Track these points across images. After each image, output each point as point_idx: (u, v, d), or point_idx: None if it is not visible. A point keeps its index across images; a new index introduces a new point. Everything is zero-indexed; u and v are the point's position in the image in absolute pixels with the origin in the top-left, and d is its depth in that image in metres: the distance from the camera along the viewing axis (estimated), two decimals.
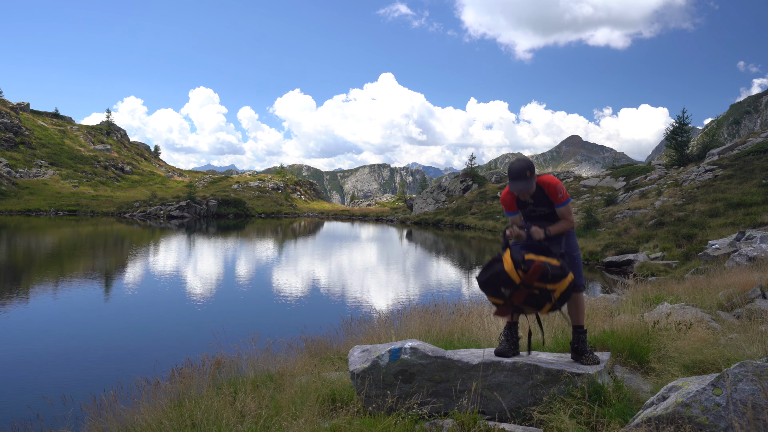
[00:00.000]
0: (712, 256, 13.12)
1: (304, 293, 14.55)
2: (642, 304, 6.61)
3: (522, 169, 3.51)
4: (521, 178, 3.51)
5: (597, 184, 40.82)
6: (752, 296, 6.12)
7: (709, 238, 16.31)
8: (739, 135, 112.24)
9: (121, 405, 4.04)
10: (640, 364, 3.99)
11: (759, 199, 19.56)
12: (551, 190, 3.62)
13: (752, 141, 29.74)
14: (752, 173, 23.51)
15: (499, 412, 3.23)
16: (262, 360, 5.08)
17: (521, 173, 3.50)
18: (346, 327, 6.81)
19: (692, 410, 2.42)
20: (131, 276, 16.99)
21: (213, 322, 9.29)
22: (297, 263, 21.71)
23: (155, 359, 6.14)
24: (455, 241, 34.15)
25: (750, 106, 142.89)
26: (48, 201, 47.56)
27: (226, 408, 3.44)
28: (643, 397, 3.29)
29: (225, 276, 17.63)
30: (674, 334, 4.43)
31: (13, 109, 63.70)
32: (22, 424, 4.24)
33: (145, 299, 13.19)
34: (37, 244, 25.38)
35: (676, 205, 23.07)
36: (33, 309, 11.56)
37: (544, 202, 3.67)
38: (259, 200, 60.27)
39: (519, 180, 3.51)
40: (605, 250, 20.68)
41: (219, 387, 4.17)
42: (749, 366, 2.47)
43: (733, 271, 9.35)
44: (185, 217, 48.29)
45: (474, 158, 56.82)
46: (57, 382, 7.05)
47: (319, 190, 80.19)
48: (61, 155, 60.44)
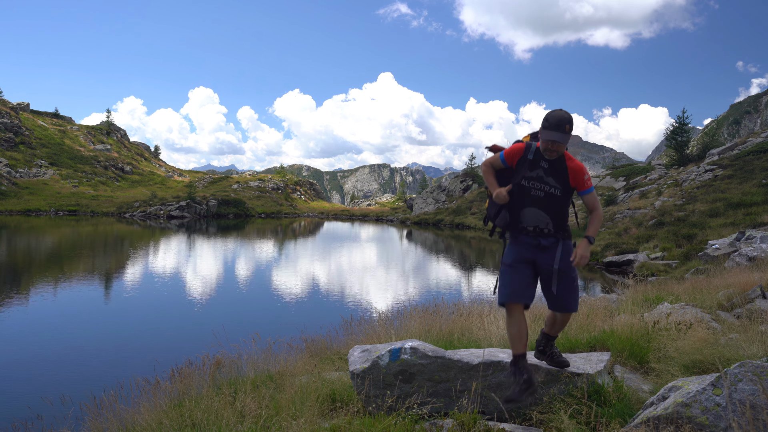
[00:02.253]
0: (712, 256, 13.11)
1: (304, 293, 14.54)
2: (642, 304, 6.60)
3: (563, 120, 2.92)
4: (560, 129, 2.92)
5: (597, 184, 40.79)
6: (752, 296, 6.12)
7: (709, 238, 16.30)
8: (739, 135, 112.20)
9: (121, 405, 4.04)
10: (640, 364, 3.99)
11: (759, 199, 19.55)
12: (578, 172, 3.02)
13: (752, 141, 29.74)
14: (752, 173, 23.50)
15: (499, 412, 3.23)
16: (262, 360, 5.09)
17: (561, 124, 2.92)
18: (346, 327, 6.81)
19: (692, 410, 2.42)
20: (131, 276, 16.99)
21: (213, 322, 9.29)
22: (297, 263, 21.70)
23: (155, 359, 6.14)
24: (455, 241, 34.15)
25: (750, 106, 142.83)
26: (48, 201, 47.56)
27: (226, 408, 3.44)
28: (643, 397, 3.28)
29: (225, 276, 17.63)
30: (674, 334, 4.42)
31: (13, 109, 63.68)
32: (23, 424, 4.24)
33: (146, 299, 13.19)
34: (37, 245, 25.37)
35: (676, 205, 23.06)
36: (33, 309, 11.55)
37: (560, 177, 3.03)
38: (259, 200, 60.26)
39: (557, 130, 2.92)
40: (605, 250, 20.68)
41: (219, 387, 4.17)
42: (749, 366, 2.47)
43: (733, 271, 9.35)
44: (185, 217, 48.27)
45: (474, 158, 56.90)
46: (57, 382, 7.05)
47: (319, 190, 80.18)
48: (61, 155, 60.43)
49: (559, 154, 3.01)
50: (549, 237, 3.11)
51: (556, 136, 2.92)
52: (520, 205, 3.13)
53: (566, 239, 3.13)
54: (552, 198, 3.06)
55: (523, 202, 3.11)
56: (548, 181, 3.04)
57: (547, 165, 3.04)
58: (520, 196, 3.11)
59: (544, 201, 3.06)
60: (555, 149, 2.97)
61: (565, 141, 2.95)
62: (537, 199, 3.07)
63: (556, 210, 3.09)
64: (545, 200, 3.06)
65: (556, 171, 3.04)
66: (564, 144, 2.96)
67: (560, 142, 2.95)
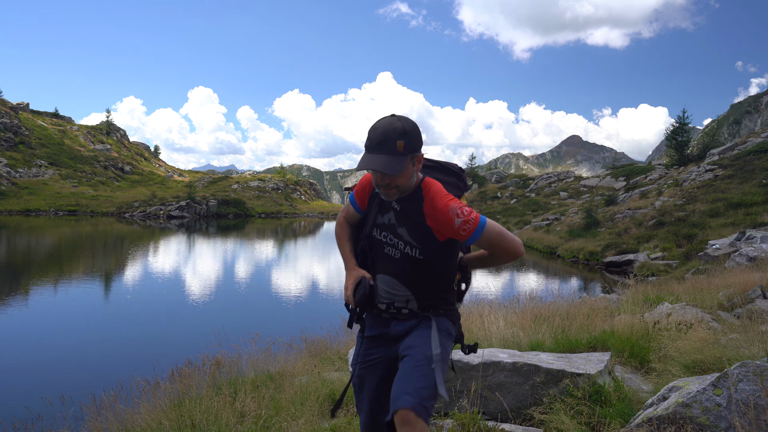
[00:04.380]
0: (713, 256, 13.12)
1: (304, 293, 14.55)
2: (642, 304, 6.60)
3: (390, 134, 1.73)
4: (383, 148, 1.73)
5: (597, 184, 40.80)
6: (753, 296, 6.12)
7: (710, 238, 16.31)
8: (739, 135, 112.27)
9: (121, 405, 4.04)
10: (641, 364, 3.99)
11: (759, 199, 19.55)
12: (442, 213, 1.78)
13: (752, 141, 29.73)
14: (752, 173, 23.50)
15: (499, 413, 3.23)
16: (262, 360, 5.09)
17: (386, 141, 1.73)
18: (346, 327, 6.80)
19: (693, 410, 2.41)
20: (131, 276, 16.99)
21: (213, 322, 9.29)
22: (297, 263, 21.70)
23: (155, 359, 6.13)
24: None
25: (750, 106, 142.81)
26: (48, 201, 47.56)
27: (226, 408, 3.44)
28: (643, 397, 3.28)
29: (225, 276, 17.63)
30: (674, 335, 4.42)
31: (13, 108, 63.68)
32: (23, 424, 4.24)
33: (145, 299, 13.19)
34: (36, 245, 25.38)
35: (677, 205, 23.06)
36: (33, 309, 11.55)
37: (416, 227, 1.85)
38: (259, 200, 60.28)
39: (379, 151, 1.74)
40: (605, 250, 20.70)
41: (219, 387, 4.16)
42: (750, 366, 2.47)
43: (734, 271, 9.35)
44: (185, 217, 48.28)
45: (474, 158, 56.79)
46: (57, 382, 7.04)
47: (319, 190, 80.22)
48: (60, 155, 60.44)
49: (401, 192, 1.82)
50: (407, 320, 1.95)
51: (378, 163, 1.71)
52: (373, 269, 2.00)
53: (441, 316, 1.96)
54: (411, 262, 1.88)
55: (375, 265, 1.98)
56: (401, 233, 1.87)
57: (399, 206, 1.87)
58: (372, 255, 1.98)
59: (402, 266, 1.90)
60: (386, 184, 1.79)
61: (399, 169, 1.72)
62: (391, 262, 1.91)
63: (422, 280, 1.90)
64: (403, 265, 1.89)
65: (408, 216, 1.85)
66: (396, 172, 1.71)
67: (388, 174, 1.73)
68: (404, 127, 1.76)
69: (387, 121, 1.78)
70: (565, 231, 26.54)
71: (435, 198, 1.81)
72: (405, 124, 1.77)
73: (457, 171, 2.10)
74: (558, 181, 45.74)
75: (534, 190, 44.57)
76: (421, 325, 1.90)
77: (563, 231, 26.71)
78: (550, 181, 46.16)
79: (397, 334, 1.95)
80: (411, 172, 1.81)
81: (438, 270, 1.92)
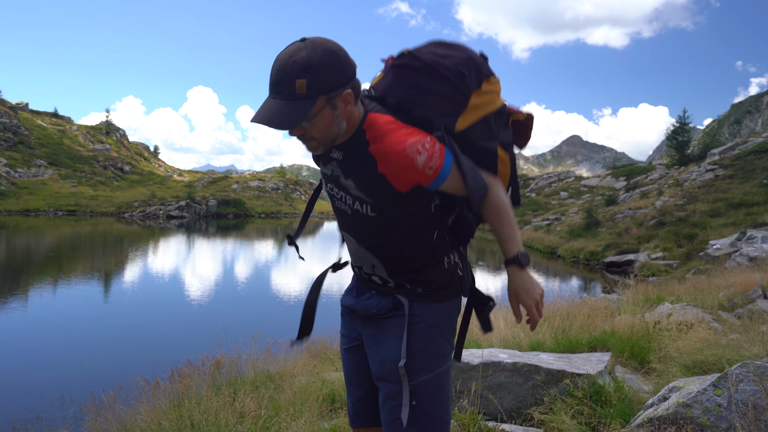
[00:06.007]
0: (713, 256, 13.12)
1: (304, 293, 14.54)
2: (643, 304, 6.60)
3: (288, 68, 1.23)
4: (279, 90, 1.24)
5: (597, 183, 40.81)
6: (753, 296, 6.11)
7: (710, 238, 16.31)
8: (740, 135, 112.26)
9: (120, 405, 4.04)
10: (641, 364, 3.98)
11: (760, 199, 19.56)
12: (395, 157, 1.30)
13: (753, 141, 29.73)
14: (753, 173, 23.50)
15: (499, 413, 3.22)
16: (262, 360, 5.09)
17: (281, 78, 1.24)
18: None
19: (693, 411, 2.41)
20: (131, 276, 16.99)
21: (213, 322, 9.29)
22: (297, 263, 21.70)
23: (155, 359, 6.13)
24: None
25: (751, 106, 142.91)
26: (47, 201, 47.59)
27: (226, 408, 3.43)
28: (644, 398, 3.27)
29: (225, 276, 17.63)
30: (675, 335, 4.41)
31: (12, 108, 63.71)
32: (23, 424, 4.23)
33: (145, 299, 13.18)
34: (36, 245, 25.38)
35: (677, 205, 23.06)
36: (32, 309, 11.55)
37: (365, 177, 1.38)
38: (259, 200, 60.32)
39: (275, 94, 1.25)
40: (606, 250, 20.70)
41: (218, 387, 4.16)
42: (751, 366, 2.46)
43: (734, 271, 9.35)
44: (185, 217, 48.30)
45: None
46: (57, 382, 7.04)
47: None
48: (60, 155, 60.47)
49: (325, 144, 1.35)
50: (381, 297, 1.54)
51: (266, 114, 1.25)
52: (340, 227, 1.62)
53: (421, 300, 1.50)
54: (364, 220, 1.45)
55: (337, 220, 1.61)
56: (347, 185, 1.44)
57: (339, 155, 1.42)
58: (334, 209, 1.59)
59: (356, 225, 1.49)
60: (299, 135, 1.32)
61: (296, 120, 1.24)
62: (346, 219, 1.52)
63: (382, 244, 1.48)
64: (356, 223, 1.49)
65: (354, 165, 1.40)
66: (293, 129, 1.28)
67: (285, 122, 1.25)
68: (308, 58, 1.22)
69: (288, 50, 1.25)
70: (565, 231, 26.54)
71: (385, 137, 1.32)
72: (312, 52, 1.22)
73: (453, 72, 1.37)
74: (558, 181, 45.77)
75: (534, 190, 44.59)
76: (390, 322, 1.50)
77: (563, 231, 26.71)
78: (551, 181, 46.20)
79: (365, 312, 1.54)
80: (331, 120, 1.29)
81: (405, 231, 1.44)
